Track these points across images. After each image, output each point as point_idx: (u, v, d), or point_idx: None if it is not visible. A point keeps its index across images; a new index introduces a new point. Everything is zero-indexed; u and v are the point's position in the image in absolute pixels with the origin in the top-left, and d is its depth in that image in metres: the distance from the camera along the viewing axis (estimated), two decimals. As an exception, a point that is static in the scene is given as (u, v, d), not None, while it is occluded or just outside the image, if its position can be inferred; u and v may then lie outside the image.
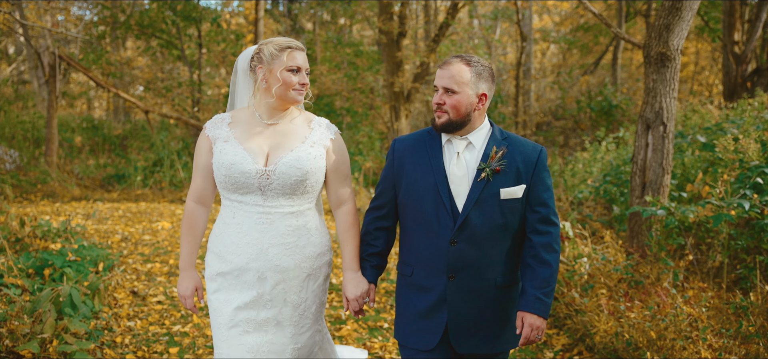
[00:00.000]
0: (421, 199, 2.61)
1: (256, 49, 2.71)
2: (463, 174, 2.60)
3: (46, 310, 4.06)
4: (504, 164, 2.57)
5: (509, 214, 2.59)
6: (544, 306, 2.56)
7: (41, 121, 15.77)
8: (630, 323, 4.05)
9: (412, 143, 2.71)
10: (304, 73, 2.68)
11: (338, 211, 2.82)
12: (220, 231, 2.72)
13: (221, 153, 2.63)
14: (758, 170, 5.02)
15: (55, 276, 5.15)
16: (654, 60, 5.38)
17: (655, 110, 5.42)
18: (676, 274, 4.55)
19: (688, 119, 7.92)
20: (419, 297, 2.64)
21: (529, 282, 2.59)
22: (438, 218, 2.58)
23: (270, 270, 2.65)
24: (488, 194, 2.56)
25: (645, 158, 5.49)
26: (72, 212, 10.00)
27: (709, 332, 3.74)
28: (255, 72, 2.69)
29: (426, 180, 2.61)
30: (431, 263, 2.61)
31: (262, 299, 2.65)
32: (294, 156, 2.63)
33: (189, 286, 2.76)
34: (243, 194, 2.64)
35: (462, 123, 2.58)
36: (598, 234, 5.98)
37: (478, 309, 2.61)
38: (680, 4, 5.26)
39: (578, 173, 9.60)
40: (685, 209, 4.59)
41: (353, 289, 2.74)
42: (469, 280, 2.59)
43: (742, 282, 5.08)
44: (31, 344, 3.76)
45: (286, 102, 2.69)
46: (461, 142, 2.63)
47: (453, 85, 2.55)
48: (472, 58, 2.61)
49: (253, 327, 2.64)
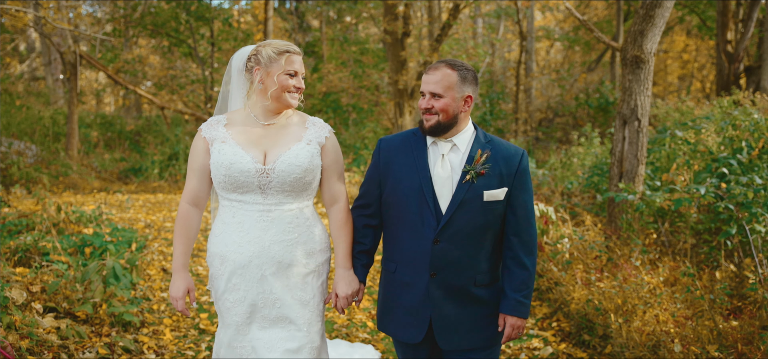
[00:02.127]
0: (406, 198, 2.68)
1: (253, 51, 2.72)
2: (447, 176, 2.67)
3: (95, 280, 4.71)
4: (488, 167, 2.64)
5: (491, 215, 2.66)
6: (524, 308, 2.69)
7: (59, 117, 16.48)
8: (600, 292, 4.67)
9: (398, 143, 2.78)
10: (300, 78, 2.72)
11: (332, 209, 2.84)
12: (220, 231, 2.72)
13: (220, 153, 2.65)
14: (724, 161, 5.63)
15: (96, 254, 5.81)
16: (629, 62, 5.98)
17: (630, 107, 6.02)
18: (644, 251, 5.16)
19: (669, 115, 8.51)
20: (404, 293, 2.72)
21: (509, 285, 2.70)
22: (422, 218, 2.65)
23: (273, 266, 2.67)
24: (472, 195, 2.63)
25: (622, 151, 6.10)
26: (97, 201, 10.67)
27: (665, 296, 4.36)
28: (251, 73, 2.71)
29: (411, 180, 2.68)
30: (414, 261, 2.68)
31: (269, 297, 2.67)
32: (292, 154, 2.67)
33: (181, 287, 2.74)
34: (242, 194, 2.66)
35: (450, 125, 2.66)
36: (579, 218, 6.60)
37: (460, 306, 2.68)
38: (653, 13, 5.86)
39: (572, 166, 10.23)
40: (652, 194, 5.20)
41: (345, 287, 2.78)
42: (451, 278, 2.66)
43: (707, 261, 5.68)
44: (86, 306, 4.41)
45: (282, 105, 2.71)
46: (446, 144, 2.70)
47: (439, 89, 2.63)
48: (457, 62, 2.70)
49: (268, 323, 2.68)
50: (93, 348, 3.93)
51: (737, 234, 4.96)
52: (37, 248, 5.65)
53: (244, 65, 2.75)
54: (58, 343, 3.73)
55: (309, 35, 21.73)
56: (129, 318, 4.46)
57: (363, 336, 4.83)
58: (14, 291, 3.89)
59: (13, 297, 3.82)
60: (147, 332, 4.58)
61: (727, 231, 4.78)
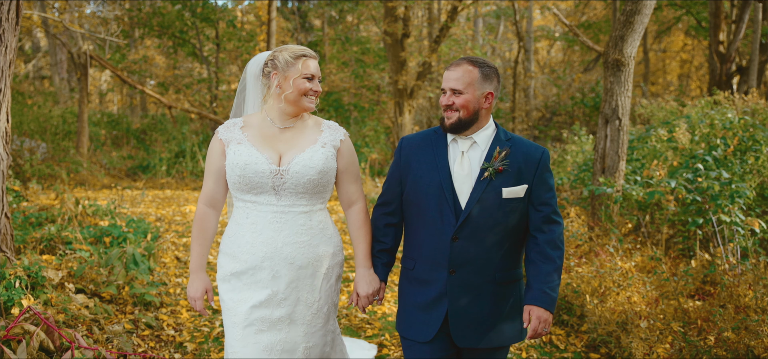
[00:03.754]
0: (426, 196, 2.69)
1: (269, 56, 2.77)
2: (467, 173, 2.67)
3: (117, 265, 5.16)
4: (507, 165, 2.64)
5: (510, 212, 2.65)
6: (551, 300, 2.65)
7: (68, 115, 16.97)
8: (579, 276, 5.12)
9: (419, 141, 2.79)
10: (317, 81, 2.76)
11: (350, 210, 2.87)
12: (233, 232, 2.75)
13: (235, 154, 2.69)
14: (700, 158, 6.06)
15: (115, 243, 6.26)
16: (611, 65, 6.42)
17: (612, 107, 6.46)
18: (621, 240, 5.60)
19: (654, 115, 8.95)
20: (420, 291, 2.72)
21: (535, 278, 2.67)
22: (441, 215, 2.65)
23: (284, 268, 2.69)
24: (490, 192, 2.62)
25: (604, 147, 6.54)
26: (108, 197, 11.13)
27: (635, 280, 4.80)
28: (269, 78, 2.75)
29: (431, 178, 2.69)
30: (433, 258, 2.68)
31: (276, 297, 2.69)
32: (307, 156, 2.70)
33: (199, 288, 2.78)
34: (257, 195, 2.70)
35: (470, 122, 2.66)
36: (565, 211, 7.04)
37: (478, 303, 2.68)
38: (633, 19, 6.29)
39: (565, 163, 10.69)
40: (629, 187, 5.64)
41: (365, 287, 2.81)
42: (470, 275, 2.65)
43: (684, 250, 6.12)
44: (110, 288, 4.86)
45: (299, 108, 2.75)
46: (466, 141, 2.71)
47: (460, 86, 2.64)
48: (479, 59, 2.70)
49: (267, 325, 2.68)
50: (120, 323, 4.38)
51: (705, 224, 5.39)
52: (61, 237, 6.11)
53: (260, 71, 2.80)
54: (90, 317, 4.19)
55: (311, 35, 22.16)
56: (149, 298, 4.92)
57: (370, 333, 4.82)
58: (50, 271, 4.34)
59: (49, 277, 4.28)
60: (166, 311, 5.03)
61: (695, 221, 5.21)
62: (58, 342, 3.61)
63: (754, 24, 13.70)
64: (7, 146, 4.92)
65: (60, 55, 22.19)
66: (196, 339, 4.51)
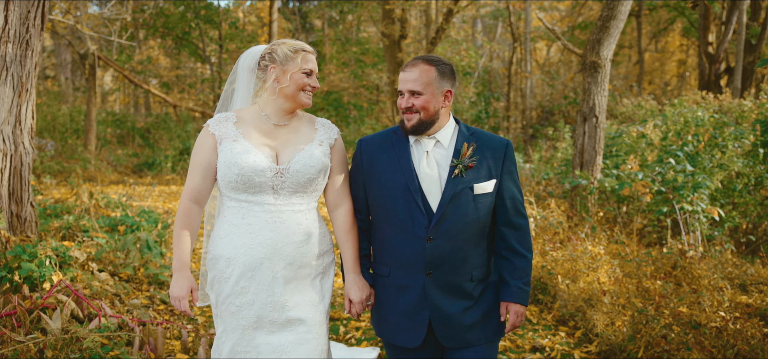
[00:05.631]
0: (393, 199, 2.62)
1: (267, 49, 2.69)
2: (434, 172, 2.61)
3: (132, 249, 5.67)
4: (476, 160, 2.60)
5: (482, 208, 2.61)
6: (526, 295, 2.67)
7: (75, 114, 17.50)
8: (553, 260, 5.61)
9: (379, 143, 2.73)
10: (315, 77, 2.70)
11: (337, 212, 2.78)
12: (226, 233, 2.63)
13: (232, 152, 2.58)
14: (672, 152, 6.56)
15: (128, 231, 6.77)
16: (588, 67, 6.92)
17: (589, 105, 6.96)
18: (594, 228, 6.10)
19: (635, 113, 9.46)
20: (401, 297, 2.66)
21: (510, 274, 2.66)
22: (411, 217, 2.59)
23: (284, 268, 2.63)
24: (462, 189, 2.58)
25: (582, 143, 7.04)
26: (117, 192, 11.65)
27: (603, 262, 5.30)
28: (265, 71, 2.68)
29: (396, 180, 2.62)
30: (408, 262, 2.62)
31: (279, 299, 2.63)
32: (307, 154, 2.64)
33: (184, 287, 2.62)
34: (254, 194, 2.60)
35: (431, 122, 2.61)
36: (546, 203, 7.55)
37: (458, 303, 2.63)
38: (609, 24, 6.79)
39: (554, 159, 11.21)
40: (602, 178, 6.14)
41: (358, 292, 2.74)
42: (447, 275, 2.61)
43: (658, 239, 6.62)
44: (127, 268, 5.37)
45: (296, 104, 2.68)
46: (429, 141, 2.65)
47: (418, 86, 2.57)
48: (434, 57, 2.63)
49: (276, 327, 2.63)
50: (138, 299, 4.89)
51: (671, 213, 5.89)
52: (79, 226, 6.61)
53: (255, 64, 2.73)
54: (112, 292, 4.69)
55: (312, 35, 22.67)
56: (163, 278, 5.42)
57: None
58: (76, 251, 4.85)
59: (75, 256, 4.78)
60: (177, 291, 5.54)
61: (660, 210, 5.71)
62: (86, 311, 4.11)
63: (739, 25, 14.15)
64: (32, 141, 5.43)
65: (65, 55, 22.74)
66: (205, 313, 5.01)
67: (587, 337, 4.73)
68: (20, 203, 5.22)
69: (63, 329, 3.71)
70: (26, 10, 5.17)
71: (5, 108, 5.11)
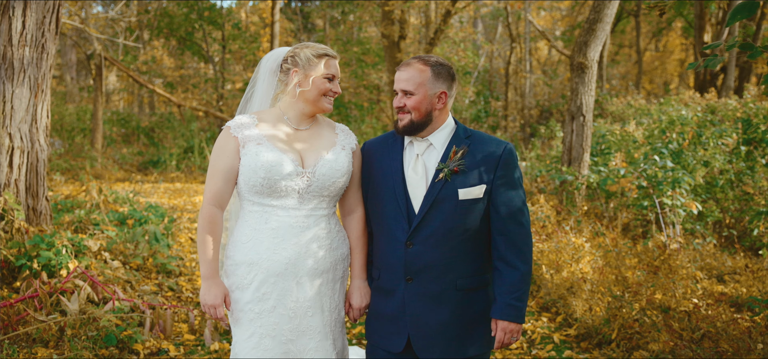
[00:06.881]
0: (382, 202, 2.61)
1: (290, 52, 2.66)
2: (421, 176, 2.56)
3: (141, 241, 6.00)
4: (463, 164, 2.52)
5: (469, 215, 2.52)
6: (516, 311, 2.51)
7: (81, 113, 17.88)
8: (539, 251, 5.93)
9: (378, 146, 2.72)
10: (337, 82, 2.67)
11: (350, 217, 2.76)
12: (248, 238, 2.60)
13: (257, 155, 2.54)
14: (657, 149, 6.87)
15: (136, 224, 7.11)
16: (576, 68, 7.23)
17: (577, 105, 7.27)
18: (579, 221, 6.41)
19: (625, 112, 9.77)
20: (385, 302, 2.63)
21: (499, 288, 2.53)
22: (396, 221, 2.56)
23: (308, 274, 2.60)
24: (445, 194, 2.51)
25: (570, 141, 7.35)
26: (125, 189, 12.01)
27: (585, 253, 5.61)
28: (287, 74, 2.64)
29: (386, 183, 2.61)
30: (391, 266, 2.59)
31: (302, 306, 2.60)
32: (332, 158, 2.62)
33: (218, 294, 2.57)
34: (278, 198, 2.58)
35: (424, 124, 2.55)
36: (535, 198, 7.86)
37: (440, 313, 2.54)
38: (595, 27, 7.11)
39: (548, 157, 11.53)
40: (588, 174, 6.45)
41: (359, 299, 2.73)
42: (428, 283, 2.53)
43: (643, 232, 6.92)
44: (136, 258, 5.71)
45: (317, 108, 2.65)
46: (422, 144, 2.60)
47: (410, 86, 2.53)
48: (431, 58, 2.58)
49: (297, 334, 2.60)
50: (147, 286, 5.23)
51: (652, 207, 6.20)
52: (90, 220, 6.95)
53: (277, 66, 2.69)
54: (124, 279, 5.03)
55: (313, 36, 22.99)
56: (170, 267, 5.76)
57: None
58: (90, 241, 5.19)
59: (89, 246, 5.12)
60: (183, 279, 5.87)
61: (641, 204, 6.02)
62: (101, 296, 4.45)
63: (730, 27, 14.41)
64: (47, 138, 5.76)
65: (70, 56, 23.11)
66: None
67: (567, 322, 5.04)
68: (36, 197, 5.55)
69: (81, 310, 4.04)
70: (42, 16, 5.51)
71: (22, 108, 5.44)
